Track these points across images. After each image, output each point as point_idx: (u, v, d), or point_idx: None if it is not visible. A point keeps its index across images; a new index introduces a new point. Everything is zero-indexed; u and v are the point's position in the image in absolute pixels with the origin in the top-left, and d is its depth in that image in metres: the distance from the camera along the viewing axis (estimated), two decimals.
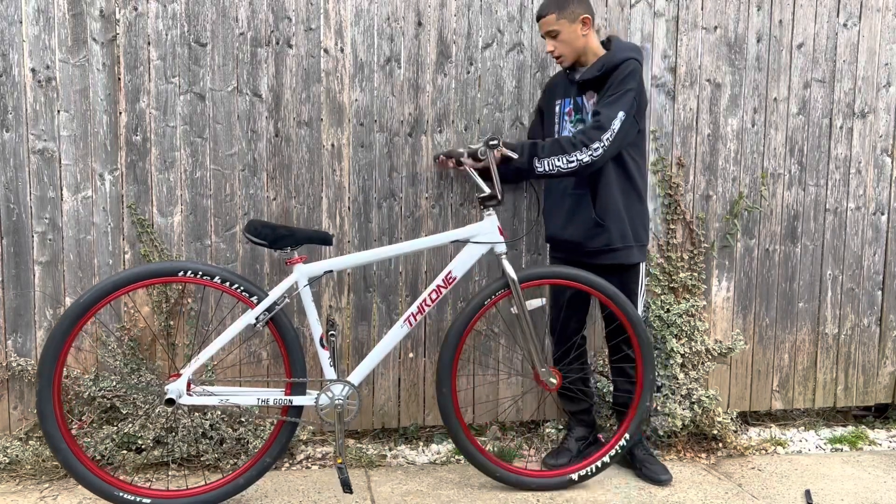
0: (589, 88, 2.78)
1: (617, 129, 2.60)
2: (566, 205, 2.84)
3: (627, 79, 2.63)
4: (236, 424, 2.92)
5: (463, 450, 2.73)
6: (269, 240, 2.50)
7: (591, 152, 2.58)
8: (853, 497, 2.80)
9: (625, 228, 2.78)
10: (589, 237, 2.79)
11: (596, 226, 2.77)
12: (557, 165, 2.60)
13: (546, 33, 2.75)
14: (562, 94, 2.88)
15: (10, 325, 2.85)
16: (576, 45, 2.74)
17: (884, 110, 3.44)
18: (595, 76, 2.71)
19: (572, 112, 2.84)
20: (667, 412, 3.17)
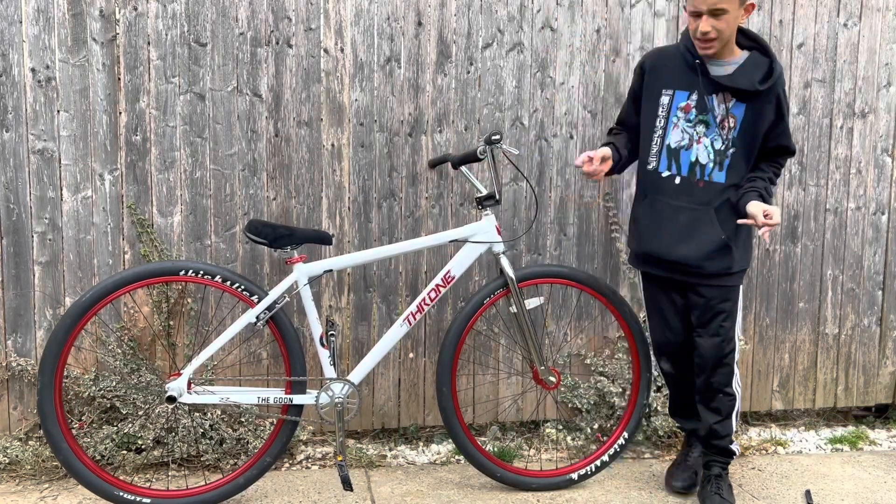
0: (727, 91, 2.47)
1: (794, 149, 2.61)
2: (681, 221, 2.53)
3: (787, 97, 2.52)
4: (236, 424, 2.92)
5: (463, 450, 2.73)
6: (269, 239, 2.50)
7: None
8: (853, 497, 2.80)
9: (747, 252, 2.60)
10: (709, 259, 2.51)
11: (723, 247, 2.50)
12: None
13: (709, 10, 2.35)
14: (677, 82, 2.54)
15: (9, 326, 2.85)
16: (733, 31, 2.45)
17: (884, 110, 3.44)
18: (756, 90, 2.43)
19: (691, 108, 2.53)
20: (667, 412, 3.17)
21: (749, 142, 2.51)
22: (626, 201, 3.25)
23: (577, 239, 3.23)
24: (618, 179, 3.23)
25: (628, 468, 3.03)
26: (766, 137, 2.53)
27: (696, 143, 2.54)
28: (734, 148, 2.51)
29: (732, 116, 2.49)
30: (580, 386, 3.22)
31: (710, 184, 2.53)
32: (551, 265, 2.86)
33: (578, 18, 3.15)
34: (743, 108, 2.48)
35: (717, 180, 2.53)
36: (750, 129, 2.50)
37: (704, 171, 2.54)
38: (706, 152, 2.53)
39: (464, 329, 2.71)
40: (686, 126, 2.54)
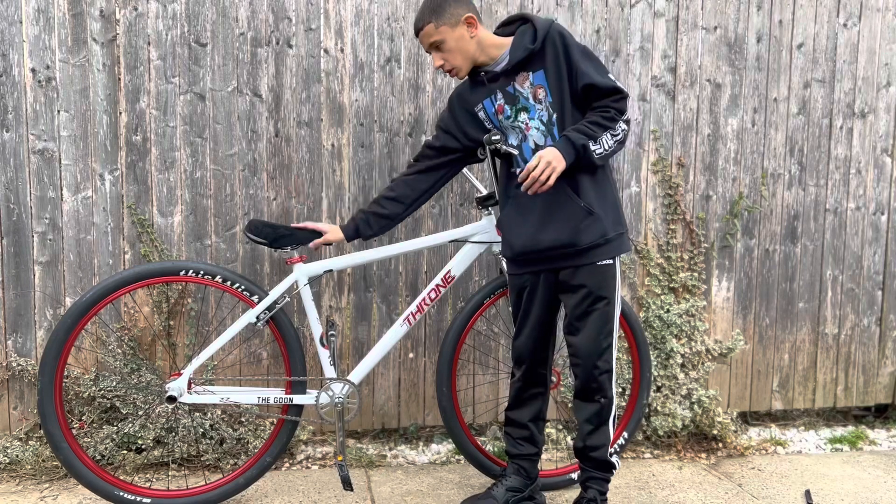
0: (521, 71, 2.36)
1: (624, 88, 2.31)
2: (539, 207, 2.37)
3: (572, 40, 2.33)
4: (236, 424, 2.92)
5: (463, 450, 2.73)
6: (269, 239, 2.50)
7: (625, 119, 2.29)
8: (853, 497, 2.80)
9: (617, 213, 2.39)
10: (579, 232, 2.32)
11: (587, 215, 2.32)
12: (610, 144, 2.27)
13: (430, 46, 2.37)
14: (477, 99, 2.46)
15: (10, 326, 2.85)
16: (467, 51, 2.35)
17: (884, 110, 3.44)
18: (530, 50, 2.32)
19: (503, 108, 2.41)
20: (667, 412, 3.17)
21: (562, 100, 2.33)
22: (626, 201, 3.25)
23: None
24: (618, 179, 3.23)
25: (628, 468, 3.03)
26: (572, 86, 2.32)
27: (527, 130, 2.39)
28: (555, 112, 2.34)
29: (539, 87, 2.35)
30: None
31: None
32: None
33: (578, 18, 3.15)
34: (542, 73, 2.34)
35: None
36: (556, 87, 2.33)
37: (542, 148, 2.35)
38: (538, 133, 2.37)
39: (464, 329, 2.71)
40: (510, 123, 2.41)
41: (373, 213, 2.54)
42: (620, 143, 2.30)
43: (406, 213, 2.57)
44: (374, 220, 2.54)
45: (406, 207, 2.56)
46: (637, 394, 2.87)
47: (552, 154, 2.20)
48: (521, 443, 2.59)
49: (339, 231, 2.56)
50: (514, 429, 2.60)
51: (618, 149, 2.30)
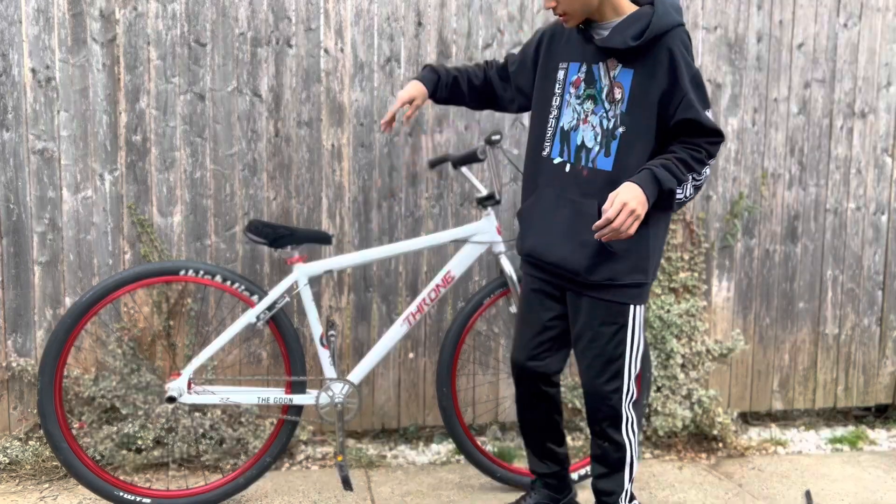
0: (613, 56, 2.00)
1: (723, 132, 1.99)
2: (563, 216, 2.06)
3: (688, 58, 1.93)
4: (236, 424, 2.92)
5: (463, 450, 2.73)
6: (269, 239, 2.50)
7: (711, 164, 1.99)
8: (853, 497, 2.80)
9: (642, 261, 2.03)
10: (590, 264, 2.03)
11: (603, 251, 2.01)
12: (690, 192, 1.99)
13: None
14: (569, 54, 2.09)
15: (9, 326, 2.85)
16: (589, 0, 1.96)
17: (884, 110, 3.44)
18: (629, 46, 1.93)
19: (580, 83, 2.06)
20: (667, 412, 3.17)
21: (640, 117, 1.97)
22: None
23: None
24: None
25: None
26: (664, 110, 1.95)
27: (583, 122, 2.05)
28: (623, 126, 1.98)
29: (619, 86, 1.99)
30: (579, 386, 3.22)
31: (594, 171, 2.02)
32: None
33: None
34: (630, 74, 1.97)
35: (602, 167, 2.01)
36: (639, 100, 1.96)
37: (589, 156, 2.04)
38: (592, 133, 2.03)
39: (464, 329, 2.71)
40: (576, 103, 2.07)
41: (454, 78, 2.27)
42: (697, 191, 2.00)
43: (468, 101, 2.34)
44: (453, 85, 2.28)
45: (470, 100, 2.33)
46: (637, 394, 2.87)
47: (634, 197, 1.84)
48: (543, 462, 2.40)
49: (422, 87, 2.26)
50: (531, 447, 2.41)
51: (693, 197, 2.01)
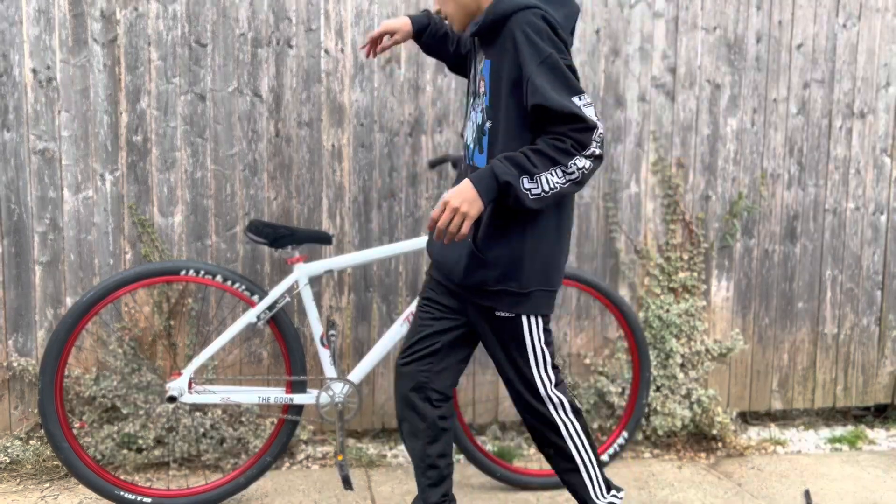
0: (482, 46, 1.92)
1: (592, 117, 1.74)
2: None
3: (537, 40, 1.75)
4: (237, 424, 2.92)
5: (463, 449, 2.73)
6: (269, 239, 2.51)
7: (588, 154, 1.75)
8: (852, 497, 2.81)
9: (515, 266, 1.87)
10: (465, 267, 1.90)
11: (472, 257, 1.89)
12: (556, 183, 1.75)
13: None
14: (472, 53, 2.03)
15: (10, 325, 2.85)
16: (464, 2, 1.89)
17: (883, 110, 3.44)
18: (471, 34, 1.89)
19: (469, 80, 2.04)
20: (666, 412, 3.18)
21: (500, 109, 1.84)
22: (626, 201, 3.26)
23: (577, 239, 3.23)
24: (618, 179, 3.24)
25: (628, 468, 3.03)
26: (522, 99, 1.79)
27: (468, 119, 2.01)
28: (490, 120, 1.87)
29: (482, 79, 1.89)
30: (580, 386, 3.23)
31: (474, 169, 1.92)
32: None
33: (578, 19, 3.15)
34: (488, 65, 1.87)
35: (479, 164, 1.92)
36: (496, 91, 1.84)
37: (470, 154, 1.98)
38: (471, 130, 1.97)
39: None
40: (467, 101, 2.04)
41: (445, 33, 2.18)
42: (577, 185, 1.76)
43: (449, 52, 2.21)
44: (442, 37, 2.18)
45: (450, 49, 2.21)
46: (636, 393, 2.88)
47: (460, 194, 1.75)
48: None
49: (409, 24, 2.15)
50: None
51: (571, 190, 1.77)
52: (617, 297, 2.85)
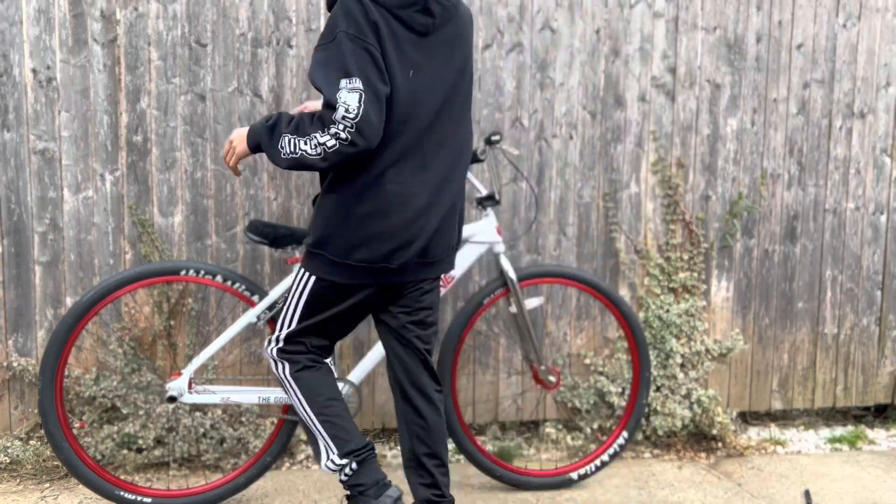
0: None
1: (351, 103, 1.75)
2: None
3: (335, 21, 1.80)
4: (237, 424, 2.92)
5: (463, 449, 2.73)
6: (270, 239, 2.51)
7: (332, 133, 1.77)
8: (852, 497, 2.81)
9: (311, 228, 1.98)
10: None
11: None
12: (297, 149, 1.82)
13: None
14: None
15: (10, 325, 2.85)
16: None
17: (883, 111, 3.44)
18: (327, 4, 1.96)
19: None
20: (666, 412, 3.18)
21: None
22: (626, 201, 3.26)
23: (577, 239, 3.23)
24: (618, 180, 3.24)
25: (628, 468, 3.03)
26: None
27: None
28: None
29: None
30: (580, 386, 3.23)
31: None
32: (551, 265, 2.86)
33: (578, 19, 3.15)
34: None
35: None
36: None
37: None
38: None
39: (464, 329, 2.72)
40: None
41: None
42: (322, 161, 1.80)
43: None
44: None
45: None
46: (636, 393, 2.88)
47: (238, 134, 2.00)
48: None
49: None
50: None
51: (318, 165, 1.81)
52: (617, 296, 2.85)
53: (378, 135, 1.79)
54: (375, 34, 1.78)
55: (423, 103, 1.88)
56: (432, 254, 1.99)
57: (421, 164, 1.91)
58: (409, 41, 1.84)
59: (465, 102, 2.02)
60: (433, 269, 2.04)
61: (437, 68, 1.89)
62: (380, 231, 1.89)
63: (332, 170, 1.87)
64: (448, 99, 1.93)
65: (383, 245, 1.90)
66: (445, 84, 1.92)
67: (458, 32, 1.94)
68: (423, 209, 1.92)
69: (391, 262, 1.92)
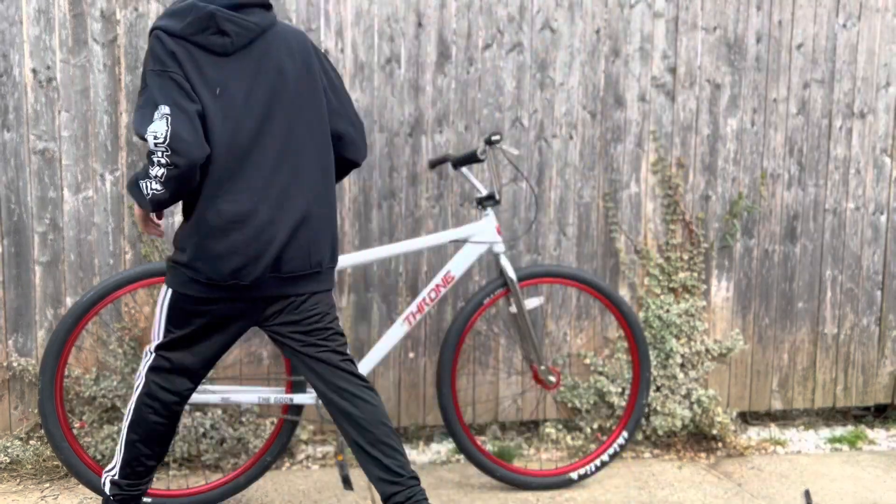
0: None
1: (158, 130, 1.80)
2: None
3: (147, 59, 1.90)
4: (237, 424, 2.92)
5: (463, 449, 2.73)
6: None
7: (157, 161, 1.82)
8: (852, 497, 2.81)
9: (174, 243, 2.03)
10: None
11: None
12: (156, 187, 1.87)
13: None
14: None
15: (10, 325, 2.85)
16: None
17: (883, 111, 3.44)
18: None
19: None
20: (666, 412, 3.18)
21: None
22: (626, 201, 3.26)
23: (577, 239, 3.23)
24: (618, 180, 3.24)
25: (628, 468, 3.03)
26: None
27: None
28: None
29: None
30: (580, 386, 3.23)
31: None
32: (551, 265, 2.86)
33: (578, 19, 3.15)
34: None
35: None
36: None
37: None
38: None
39: (464, 329, 2.72)
40: None
41: None
42: (164, 191, 1.86)
43: None
44: None
45: None
46: (636, 393, 2.88)
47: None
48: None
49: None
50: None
51: (164, 196, 1.87)
52: (617, 296, 2.85)
53: (195, 149, 1.82)
54: (175, 62, 1.86)
55: (238, 119, 1.90)
56: (289, 268, 1.98)
57: (257, 178, 1.92)
58: (209, 63, 1.89)
59: (308, 112, 2.01)
60: (298, 285, 2.02)
61: (247, 85, 1.92)
62: (222, 250, 1.91)
63: (182, 197, 1.93)
64: (271, 113, 1.95)
65: (230, 262, 1.91)
66: (262, 99, 1.93)
67: (266, 50, 1.96)
68: (266, 224, 1.92)
69: (241, 278, 1.93)
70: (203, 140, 1.85)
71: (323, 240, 2.05)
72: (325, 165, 2.07)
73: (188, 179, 1.86)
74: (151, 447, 2.11)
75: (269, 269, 1.94)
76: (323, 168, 2.06)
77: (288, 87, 1.97)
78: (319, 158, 2.04)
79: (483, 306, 2.74)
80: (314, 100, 2.03)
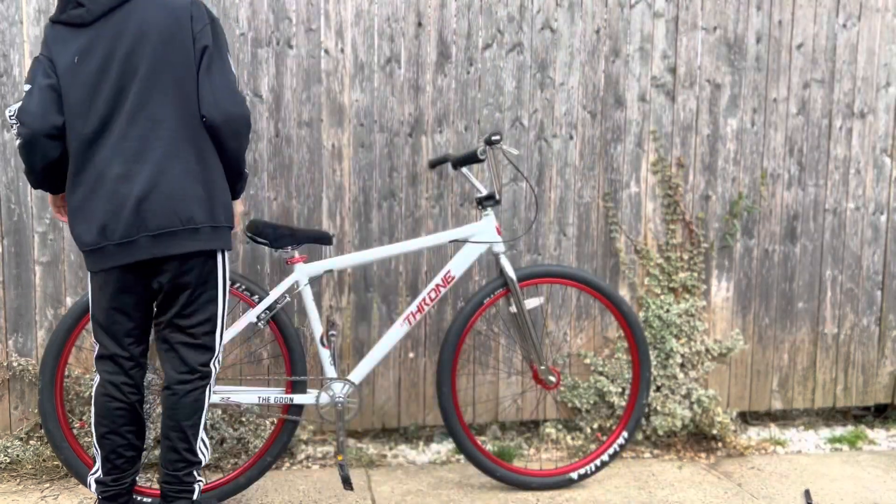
0: None
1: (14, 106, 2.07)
2: None
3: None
4: (237, 424, 2.92)
5: (463, 449, 2.73)
6: (270, 239, 2.51)
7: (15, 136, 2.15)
8: (852, 497, 2.81)
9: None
10: None
11: None
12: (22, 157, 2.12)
13: None
14: None
15: (11, 325, 2.85)
16: None
17: (883, 111, 3.44)
18: None
19: None
20: (666, 412, 3.18)
21: None
22: (626, 201, 3.26)
23: (577, 239, 3.23)
24: (618, 179, 3.24)
25: (628, 467, 3.03)
26: None
27: None
28: None
29: None
30: (580, 385, 3.23)
31: None
32: (551, 265, 2.86)
33: (578, 19, 3.15)
34: None
35: None
36: None
37: None
38: None
39: (464, 329, 2.72)
40: None
41: None
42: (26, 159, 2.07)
43: None
44: None
45: None
46: (636, 393, 2.88)
47: None
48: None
49: None
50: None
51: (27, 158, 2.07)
52: (617, 296, 2.85)
53: (38, 118, 2.00)
54: (46, 45, 2.06)
55: (95, 84, 2.01)
56: (156, 223, 2.02)
57: (119, 136, 2.01)
58: (70, 35, 2.03)
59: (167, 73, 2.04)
60: (172, 244, 2.05)
61: (107, 49, 2.01)
62: (88, 212, 2.03)
63: (47, 172, 2.09)
64: (128, 75, 2.02)
65: (94, 222, 2.01)
66: (120, 61, 2.01)
67: (127, 16, 2.03)
68: (121, 177, 2.00)
69: (109, 236, 2.01)
70: (50, 111, 2.01)
71: (192, 195, 2.06)
72: (190, 124, 2.07)
73: (37, 148, 2.02)
74: (124, 436, 2.19)
75: (133, 224, 2.00)
76: (187, 125, 2.07)
77: (147, 50, 2.03)
78: (181, 117, 2.07)
79: (483, 306, 2.74)
80: (177, 62, 2.06)
